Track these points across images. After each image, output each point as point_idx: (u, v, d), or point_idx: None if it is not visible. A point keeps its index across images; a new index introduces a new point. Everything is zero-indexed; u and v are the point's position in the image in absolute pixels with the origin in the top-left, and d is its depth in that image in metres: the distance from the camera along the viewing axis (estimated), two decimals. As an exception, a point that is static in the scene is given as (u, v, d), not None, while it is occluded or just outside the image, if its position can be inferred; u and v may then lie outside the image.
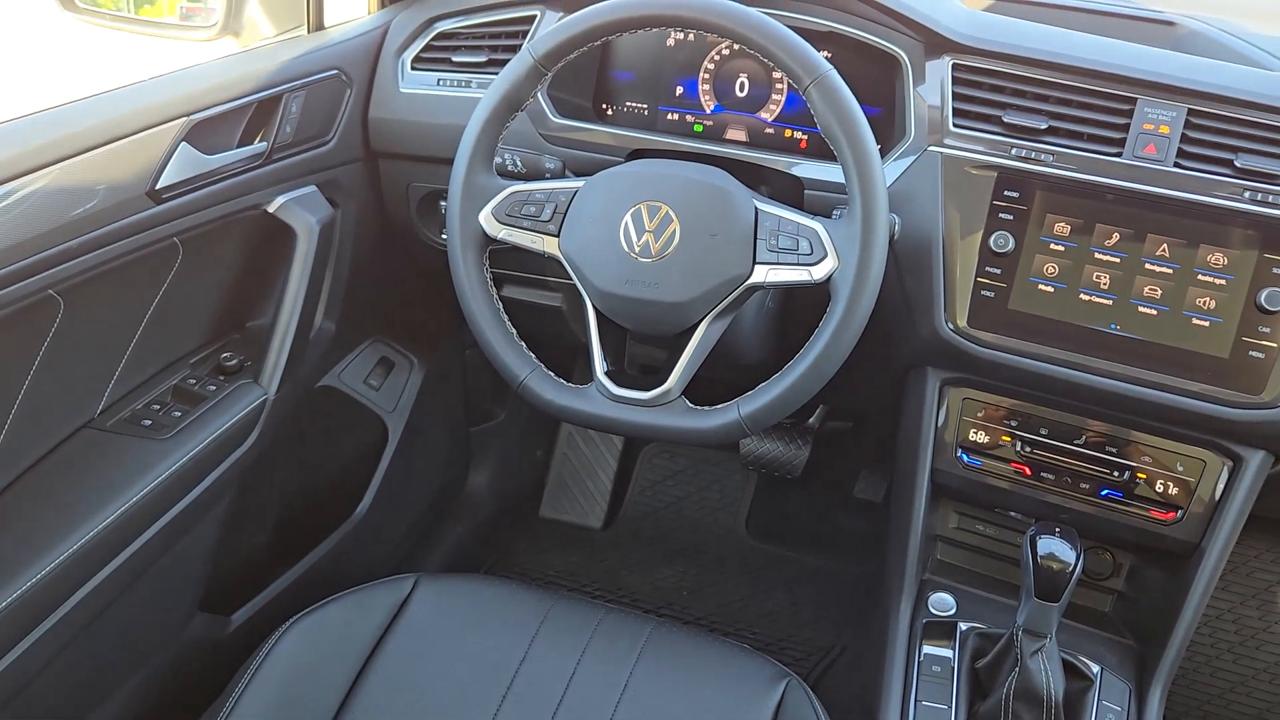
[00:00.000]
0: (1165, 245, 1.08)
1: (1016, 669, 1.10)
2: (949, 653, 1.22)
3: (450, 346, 1.85)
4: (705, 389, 1.09)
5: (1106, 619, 1.30)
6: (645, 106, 1.36)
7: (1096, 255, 1.10)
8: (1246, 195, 1.05)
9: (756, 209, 1.03)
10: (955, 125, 1.15)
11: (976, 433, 1.24)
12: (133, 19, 1.50)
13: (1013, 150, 1.12)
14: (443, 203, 1.38)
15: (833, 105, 0.97)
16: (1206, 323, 1.07)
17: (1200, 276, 1.07)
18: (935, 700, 1.18)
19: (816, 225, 1.00)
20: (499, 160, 1.21)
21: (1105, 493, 1.19)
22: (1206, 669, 1.75)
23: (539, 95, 1.28)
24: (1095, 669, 1.19)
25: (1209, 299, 1.07)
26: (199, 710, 1.04)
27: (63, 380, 1.11)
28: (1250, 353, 1.06)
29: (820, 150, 1.24)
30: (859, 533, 1.99)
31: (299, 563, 1.54)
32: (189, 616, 1.31)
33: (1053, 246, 1.11)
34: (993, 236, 1.12)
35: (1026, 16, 1.25)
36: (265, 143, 1.23)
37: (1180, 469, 1.16)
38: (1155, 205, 1.08)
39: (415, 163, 1.39)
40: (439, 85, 1.35)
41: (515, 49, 1.31)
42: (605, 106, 1.38)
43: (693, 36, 1.32)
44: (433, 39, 1.38)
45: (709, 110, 1.33)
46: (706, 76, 1.32)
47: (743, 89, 1.31)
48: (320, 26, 1.38)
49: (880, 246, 0.98)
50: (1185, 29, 1.40)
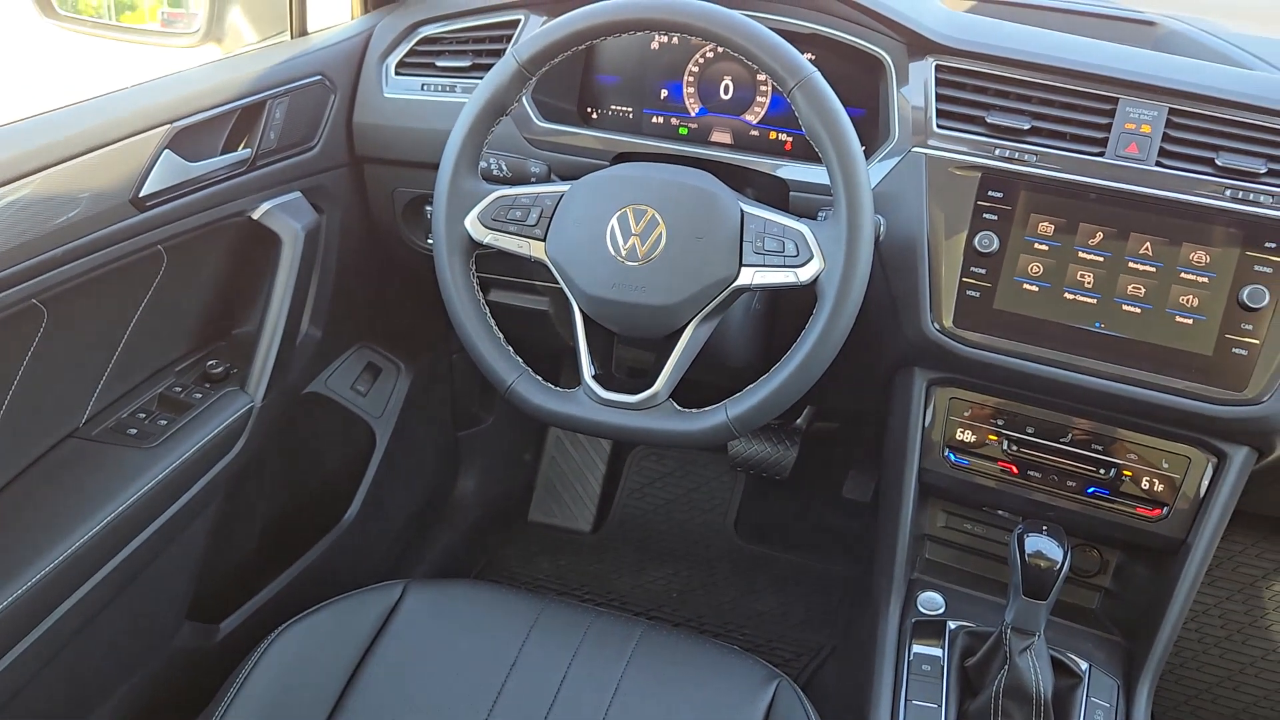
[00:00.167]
0: (1148, 244, 1.09)
1: (1005, 667, 1.10)
2: (938, 651, 1.22)
3: (437, 351, 1.85)
4: (693, 391, 1.09)
5: (1094, 616, 1.30)
6: (630, 110, 1.36)
7: (1080, 254, 1.11)
8: (1228, 193, 1.06)
9: (742, 211, 1.03)
10: (939, 126, 1.15)
11: (963, 432, 1.24)
12: (114, 26, 1.50)
13: (996, 151, 1.13)
14: (428, 208, 1.38)
15: (817, 107, 0.98)
16: (1190, 320, 1.08)
17: (1183, 275, 1.08)
18: (925, 699, 1.18)
19: (802, 227, 1.01)
20: (484, 165, 1.21)
21: (1092, 490, 1.20)
22: (1194, 664, 1.76)
23: (523, 99, 1.28)
24: (1084, 666, 1.19)
25: (1192, 297, 1.07)
26: None
27: (47, 390, 1.10)
28: (1233, 350, 1.06)
29: (805, 152, 1.25)
30: (848, 533, 1.99)
31: (287, 570, 1.53)
32: (177, 625, 1.31)
33: (1037, 246, 1.12)
34: (977, 237, 1.13)
35: (1008, 17, 1.26)
36: (249, 149, 1.22)
37: (1165, 466, 1.17)
38: (1138, 204, 1.09)
39: (400, 168, 1.39)
40: (423, 90, 1.35)
41: (499, 53, 1.31)
42: (590, 110, 1.38)
43: (677, 40, 1.32)
44: (417, 44, 1.38)
45: (694, 113, 1.33)
46: (691, 79, 1.32)
47: (727, 91, 1.32)
48: (303, 32, 1.37)
49: (866, 248, 0.98)
50: (1166, 29, 1.41)
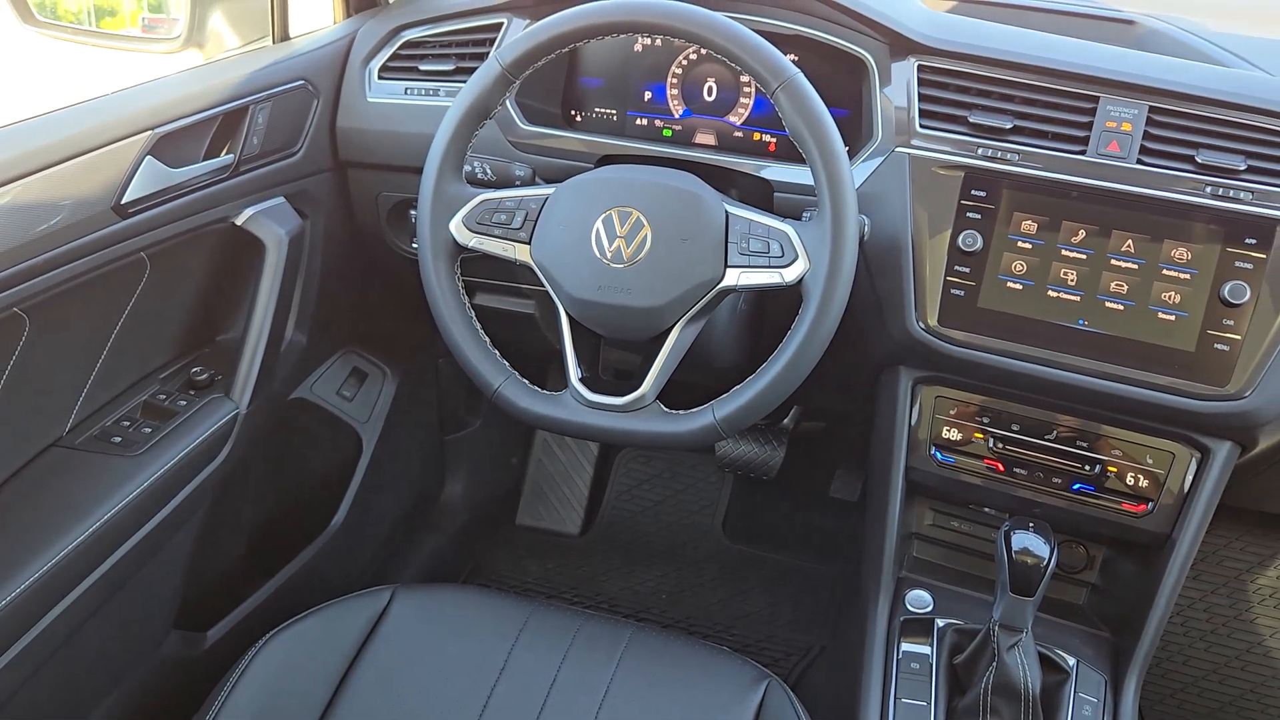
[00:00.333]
0: (1130, 241, 1.09)
1: (994, 664, 1.11)
2: (927, 649, 1.23)
3: (423, 356, 1.85)
4: (680, 393, 1.09)
5: (1081, 611, 1.31)
6: (614, 112, 1.36)
7: (1063, 252, 1.11)
8: (1208, 190, 1.07)
9: (727, 212, 1.03)
10: (922, 126, 1.16)
11: (949, 430, 1.24)
12: (94, 32, 1.49)
13: (979, 150, 1.13)
14: (413, 212, 1.38)
15: (800, 108, 0.98)
16: (1172, 316, 1.08)
17: (1165, 271, 1.08)
18: (914, 697, 1.18)
19: (787, 228, 1.01)
20: (468, 168, 1.21)
21: (1077, 487, 1.21)
22: (1180, 657, 1.78)
23: (507, 102, 1.28)
24: (1071, 661, 1.20)
25: (1174, 293, 1.08)
26: None
27: (30, 399, 1.09)
28: (1215, 345, 1.07)
29: (789, 153, 1.25)
30: (835, 532, 2.00)
31: (274, 577, 1.53)
32: (163, 634, 1.30)
33: (1020, 244, 1.12)
34: (961, 236, 1.13)
35: (989, 17, 1.27)
36: (232, 155, 1.22)
37: (1150, 461, 1.18)
38: (1119, 202, 1.10)
39: (384, 172, 1.39)
40: (406, 94, 1.35)
41: (482, 57, 1.31)
42: (574, 113, 1.38)
43: (660, 42, 1.32)
44: (399, 48, 1.37)
45: (677, 115, 1.33)
46: (674, 81, 1.33)
47: (711, 93, 1.32)
48: (285, 37, 1.37)
49: (850, 248, 0.98)
50: (1145, 28, 1.42)
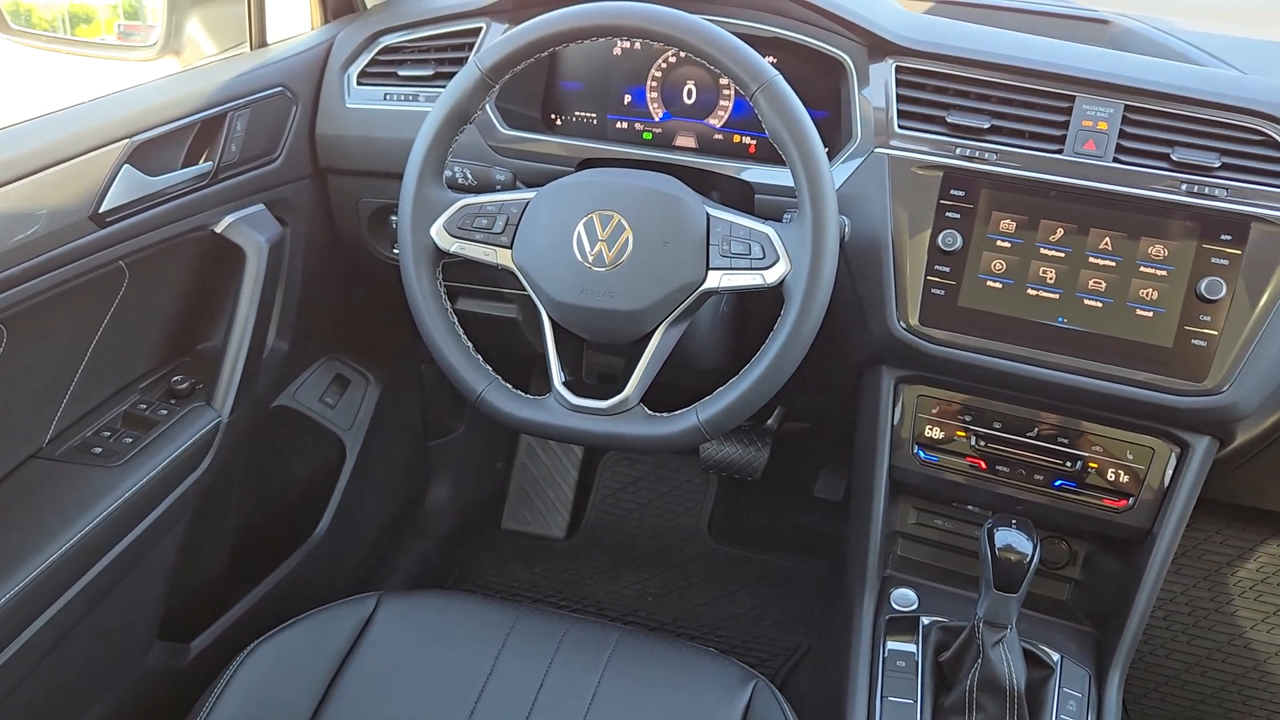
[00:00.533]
0: (1108, 239, 1.10)
1: (979, 660, 1.11)
2: (912, 647, 1.23)
3: (406, 361, 1.84)
4: (664, 395, 1.09)
5: (1065, 607, 1.32)
6: (594, 116, 1.36)
7: (1042, 251, 1.12)
8: (1183, 188, 1.08)
9: (708, 215, 1.03)
10: (900, 127, 1.16)
11: (932, 429, 1.25)
12: (69, 40, 1.48)
13: (957, 150, 1.14)
14: (393, 218, 1.38)
15: (780, 111, 0.98)
16: (1150, 313, 1.09)
17: (1142, 268, 1.09)
18: (901, 695, 1.19)
19: (768, 229, 1.01)
20: (449, 173, 1.20)
21: (1059, 483, 1.21)
22: (1163, 651, 1.79)
23: (487, 107, 1.28)
24: (1055, 657, 1.21)
25: (1151, 290, 1.09)
26: None
27: (8, 410, 1.08)
28: (1193, 341, 1.08)
29: (769, 154, 1.25)
30: (820, 532, 2.00)
31: (258, 586, 1.52)
32: (147, 646, 1.29)
33: (999, 243, 1.13)
34: (941, 235, 1.14)
35: (965, 18, 1.28)
36: (211, 162, 1.21)
37: (1130, 457, 1.18)
38: (1097, 200, 1.10)
39: (364, 178, 1.38)
40: (386, 100, 1.35)
41: (461, 62, 1.31)
42: (554, 117, 1.38)
43: (639, 45, 1.32)
44: (378, 53, 1.37)
45: (658, 118, 1.34)
46: (654, 84, 1.33)
47: (690, 96, 1.32)
48: (263, 43, 1.36)
49: (831, 249, 0.99)
50: (1120, 27, 1.43)
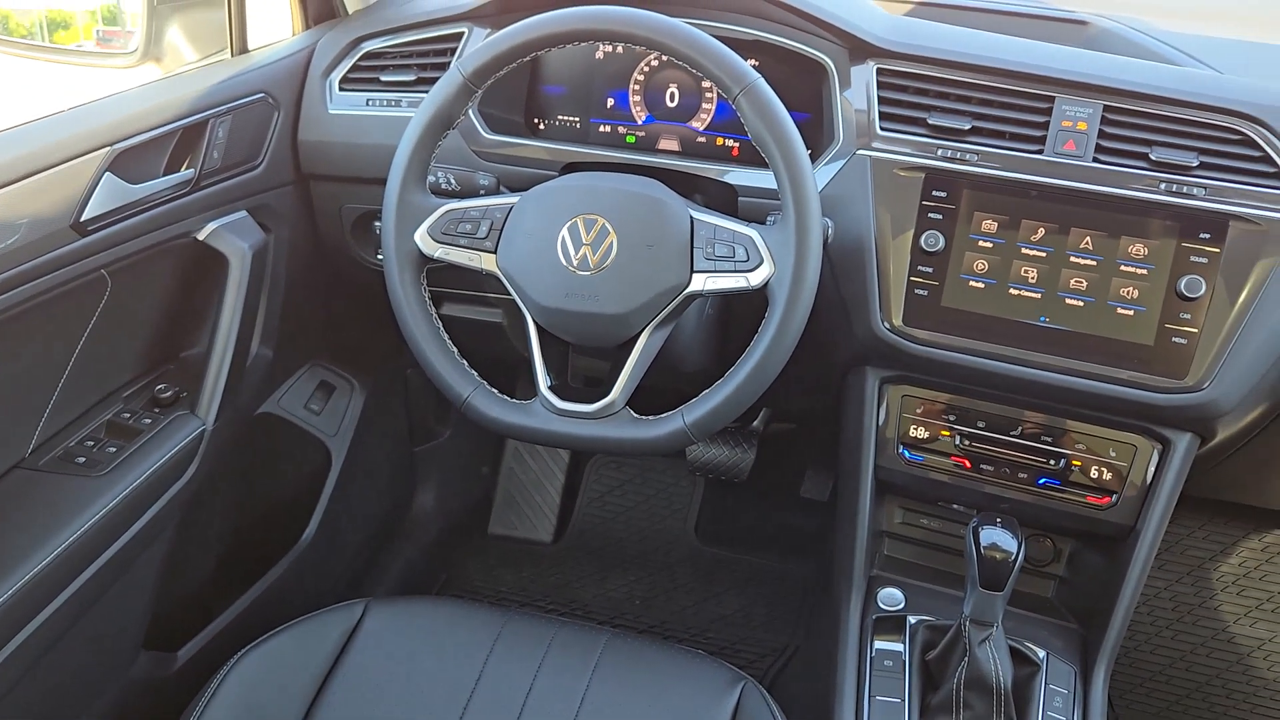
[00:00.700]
0: (1088, 238, 1.11)
1: (965, 659, 1.12)
2: (900, 647, 1.24)
3: (391, 367, 1.84)
4: (649, 398, 1.09)
5: (1050, 604, 1.33)
6: (577, 120, 1.36)
7: (1023, 250, 1.13)
8: (1162, 187, 1.09)
9: (692, 218, 1.03)
10: (882, 128, 1.17)
11: (916, 428, 1.26)
12: (47, 47, 1.47)
13: (939, 151, 1.15)
14: (377, 223, 1.37)
15: (762, 114, 0.98)
16: (1130, 311, 1.10)
17: (1123, 267, 1.10)
18: (888, 694, 1.19)
19: (751, 232, 1.02)
20: (432, 179, 1.20)
21: (1043, 481, 1.22)
22: (1147, 646, 1.80)
23: (470, 112, 1.27)
24: (1041, 654, 1.21)
25: (1132, 288, 1.10)
26: None
27: (-10, 420, 1.08)
28: (1173, 339, 1.09)
29: (752, 157, 1.26)
30: (807, 532, 2.01)
31: (245, 594, 1.51)
32: (133, 655, 1.28)
33: (981, 244, 1.14)
34: (923, 236, 1.15)
35: (945, 20, 1.28)
36: (192, 169, 1.21)
37: (1113, 455, 1.19)
38: (1077, 200, 1.11)
39: (348, 184, 1.38)
40: (368, 105, 1.35)
41: (444, 67, 1.31)
42: (537, 121, 1.38)
43: (622, 49, 1.33)
44: (360, 59, 1.37)
45: (641, 121, 1.34)
46: (637, 88, 1.33)
47: (673, 99, 1.33)
48: (244, 50, 1.36)
49: (814, 250, 0.99)
50: (1098, 28, 1.44)
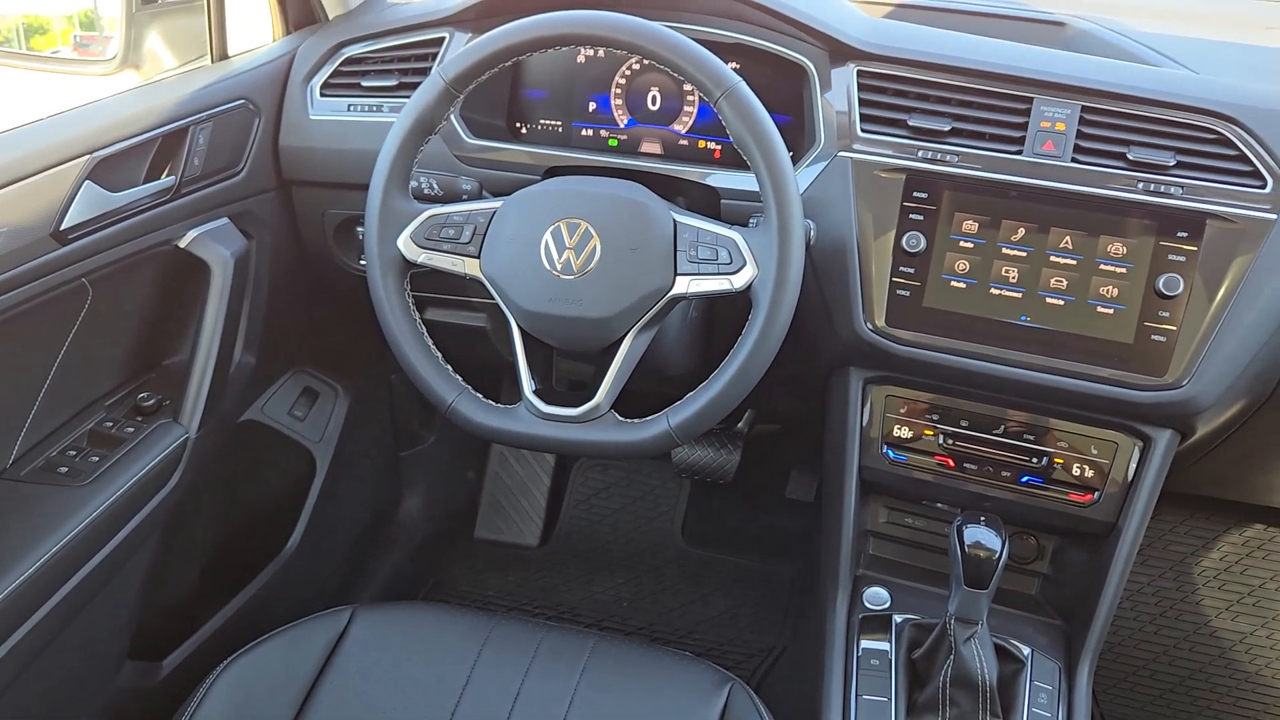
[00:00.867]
0: (1068, 238, 1.12)
1: (951, 657, 1.12)
2: (886, 646, 1.24)
3: (375, 372, 1.83)
4: (634, 401, 1.09)
5: (1034, 601, 1.33)
6: (559, 124, 1.36)
7: (1004, 250, 1.14)
8: (1140, 186, 1.10)
9: (675, 221, 1.04)
10: (863, 130, 1.18)
11: (900, 428, 1.26)
12: (25, 55, 1.46)
13: (919, 152, 1.15)
14: (360, 229, 1.37)
15: (743, 116, 0.99)
16: (1110, 310, 1.11)
17: (1102, 266, 1.11)
18: (875, 693, 1.20)
19: (734, 234, 1.02)
20: (415, 184, 1.20)
21: (1025, 479, 1.23)
22: (1131, 641, 1.82)
23: (452, 117, 1.27)
24: (1026, 651, 1.22)
25: (1111, 287, 1.11)
26: None
27: (-29, 431, 1.07)
28: (1152, 337, 1.10)
29: (734, 160, 1.26)
30: (793, 533, 2.01)
31: (230, 603, 1.50)
32: (118, 665, 1.28)
33: (962, 244, 1.15)
34: (905, 237, 1.15)
35: (923, 21, 1.29)
36: (173, 177, 1.20)
37: (1094, 452, 1.20)
38: (1056, 199, 1.12)
39: (330, 189, 1.38)
40: (349, 111, 1.34)
41: (425, 72, 1.31)
42: (519, 125, 1.38)
43: (603, 53, 1.33)
44: (341, 64, 1.36)
45: (623, 125, 1.34)
46: (619, 91, 1.33)
47: (655, 102, 1.33)
48: (224, 56, 1.35)
49: (797, 252, 0.99)
50: (1075, 29, 1.45)
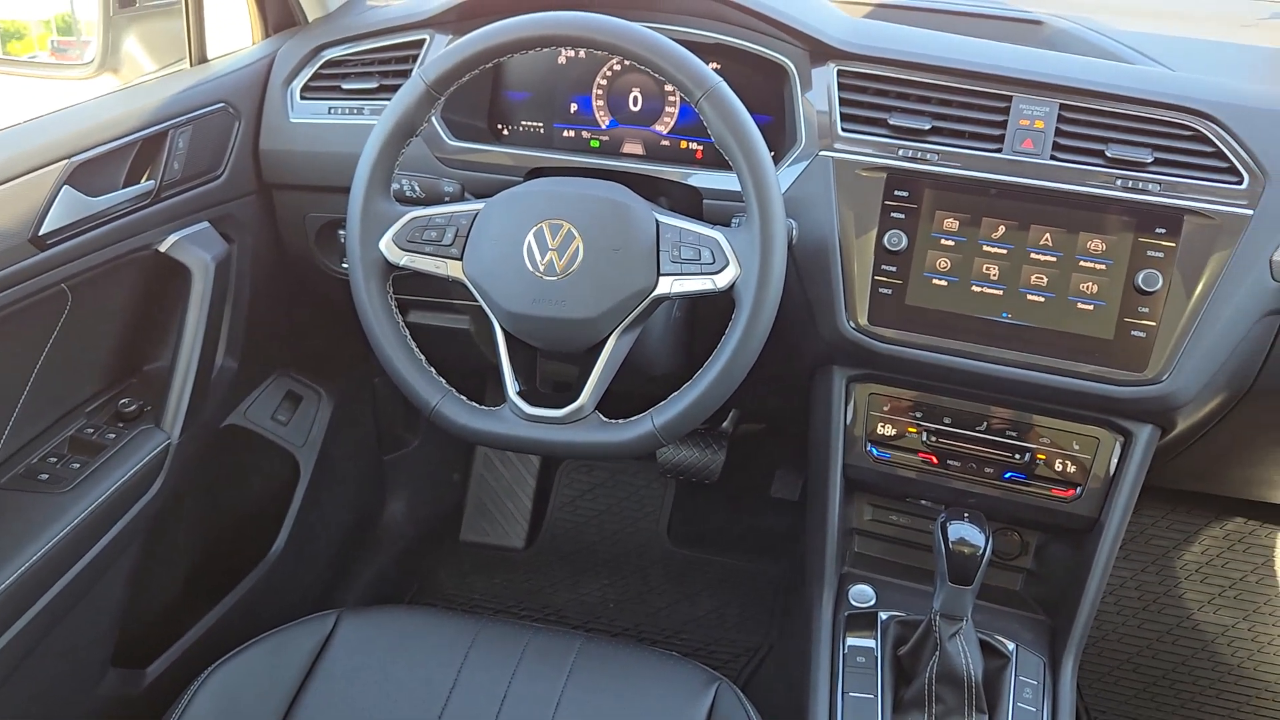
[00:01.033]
0: (1048, 235, 1.13)
1: (936, 653, 1.13)
2: (872, 643, 1.25)
3: (358, 376, 1.83)
4: (619, 402, 1.09)
5: (1018, 597, 1.34)
6: (541, 125, 1.36)
7: (985, 248, 1.14)
8: (1118, 183, 1.11)
9: (657, 221, 1.04)
10: (844, 129, 1.18)
11: (884, 426, 1.27)
12: (2, 59, 1.45)
13: (900, 151, 1.16)
14: (341, 232, 1.37)
15: (724, 117, 0.99)
16: (1090, 306, 1.12)
17: (1082, 263, 1.12)
18: (861, 691, 1.20)
19: (717, 234, 1.02)
20: (396, 186, 1.20)
21: (1008, 475, 1.24)
22: (1114, 636, 1.83)
23: (433, 119, 1.27)
24: (1011, 646, 1.23)
25: (1091, 284, 1.12)
26: None
27: (-50, 439, 1.06)
28: (1132, 332, 1.11)
29: (716, 160, 1.26)
30: (779, 532, 2.02)
31: (214, 609, 1.50)
32: (102, 673, 1.27)
33: (943, 242, 1.15)
34: (886, 235, 1.16)
35: (903, 21, 1.30)
36: (153, 181, 1.20)
37: (1076, 448, 1.21)
38: (1036, 197, 1.13)
39: (311, 193, 1.37)
40: (330, 114, 1.34)
41: (406, 74, 1.31)
42: (501, 127, 1.38)
43: (584, 54, 1.33)
44: (321, 67, 1.36)
45: (604, 125, 1.34)
46: (600, 92, 1.33)
47: (636, 103, 1.33)
48: (203, 59, 1.35)
49: (779, 252, 1.00)
50: (1053, 28, 1.46)
